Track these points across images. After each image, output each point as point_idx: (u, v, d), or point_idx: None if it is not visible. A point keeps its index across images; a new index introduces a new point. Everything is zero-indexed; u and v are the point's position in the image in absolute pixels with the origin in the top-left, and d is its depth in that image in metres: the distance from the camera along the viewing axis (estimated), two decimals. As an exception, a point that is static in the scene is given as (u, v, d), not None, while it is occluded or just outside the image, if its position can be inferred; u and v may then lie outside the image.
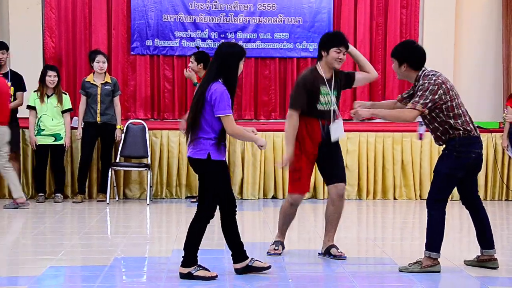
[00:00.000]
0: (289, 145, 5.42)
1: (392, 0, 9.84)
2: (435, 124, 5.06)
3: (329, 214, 5.62)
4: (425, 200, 5.17)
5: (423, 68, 5.10)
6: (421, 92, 4.95)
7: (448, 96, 4.98)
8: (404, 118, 5.02)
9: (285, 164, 5.46)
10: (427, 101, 4.93)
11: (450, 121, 4.99)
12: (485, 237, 5.19)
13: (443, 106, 4.97)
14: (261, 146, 4.87)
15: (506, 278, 4.99)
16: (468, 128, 5.01)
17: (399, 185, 9.14)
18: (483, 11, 9.94)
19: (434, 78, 4.99)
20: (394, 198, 9.14)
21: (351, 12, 9.84)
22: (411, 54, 5.09)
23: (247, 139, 5.02)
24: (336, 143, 5.57)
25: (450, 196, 5.25)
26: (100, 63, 8.55)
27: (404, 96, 5.33)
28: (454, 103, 5.00)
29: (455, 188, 5.22)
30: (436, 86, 4.95)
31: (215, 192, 4.81)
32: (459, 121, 5.00)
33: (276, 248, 5.60)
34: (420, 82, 5.02)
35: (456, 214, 6.77)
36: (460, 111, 5.02)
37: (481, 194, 9.01)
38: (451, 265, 5.25)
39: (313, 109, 5.42)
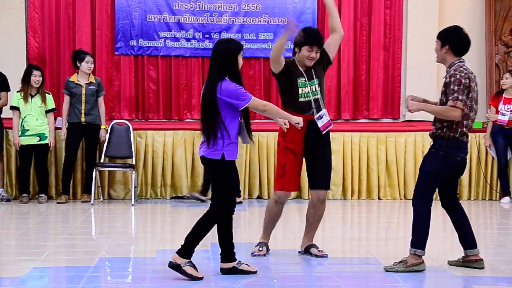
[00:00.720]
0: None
1: (376, 1, 9.87)
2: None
3: (309, 216, 5.66)
4: (410, 200, 5.19)
5: (462, 59, 5.07)
6: (457, 87, 4.91)
7: (470, 95, 4.99)
8: (450, 116, 4.94)
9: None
10: (465, 97, 4.90)
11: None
12: (467, 238, 5.22)
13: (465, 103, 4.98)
14: (297, 123, 4.88)
15: (489, 277, 5.02)
16: (465, 132, 5.02)
17: (384, 185, 9.18)
18: (466, 11, 9.99)
19: (465, 71, 4.98)
20: (379, 198, 9.18)
21: (335, 12, 9.85)
22: (456, 38, 5.07)
23: (284, 115, 4.91)
24: (327, 144, 5.56)
25: (434, 196, 5.27)
26: (89, 63, 8.53)
27: (440, 98, 5.16)
28: (470, 103, 5.00)
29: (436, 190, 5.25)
30: (467, 81, 4.94)
31: (228, 191, 4.86)
32: (464, 122, 4.99)
33: (260, 249, 5.59)
34: (452, 71, 4.98)
35: (440, 214, 6.78)
36: (471, 113, 5.03)
37: (465, 194, 9.13)
38: (435, 265, 5.27)
39: (295, 102, 5.41)
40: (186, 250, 4.79)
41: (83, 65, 8.51)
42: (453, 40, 5.07)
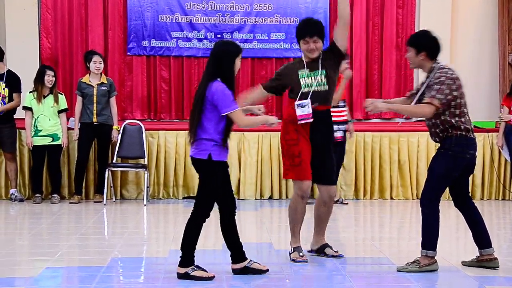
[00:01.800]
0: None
1: (388, 0, 9.86)
2: (437, 120, 4.99)
3: (320, 214, 5.57)
4: None
5: (438, 61, 5.06)
6: (438, 86, 4.89)
7: (459, 93, 4.95)
8: (422, 113, 4.96)
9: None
10: (443, 96, 4.88)
11: (453, 120, 4.95)
12: (481, 237, 5.18)
13: (452, 102, 4.94)
14: (272, 124, 4.90)
15: (503, 277, 4.99)
16: (469, 127, 5.00)
17: (396, 184, 9.16)
18: (479, 10, 9.96)
19: (450, 72, 4.96)
20: (391, 198, 9.16)
21: (347, 12, 9.84)
22: (431, 43, 5.06)
23: (260, 122, 4.96)
24: (332, 136, 5.51)
25: (446, 196, 5.24)
26: (96, 63, 8.53)
27: (413, 92, 5.26)
28: (462, 101, 4.97)
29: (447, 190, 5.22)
30: (452, 81, 4.92)
31: (212, 192, 4.81)
32: (462, 119, 4.97)
33: (301, 254, 5.39)
34: (436, 74, 4.96)
35: (453, 214, 6.77)
36: (465, 110, 5.00)
37: (477, 193, 9.08)
38: (448, 265, 5.25)
39: (299, 93, 5.33)
40: (186, 259, 4.80)
41: (91, 65, 8.54)
42: (428, 46, 5.04)
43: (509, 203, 8.97)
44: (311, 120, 5.28)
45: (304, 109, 5.27)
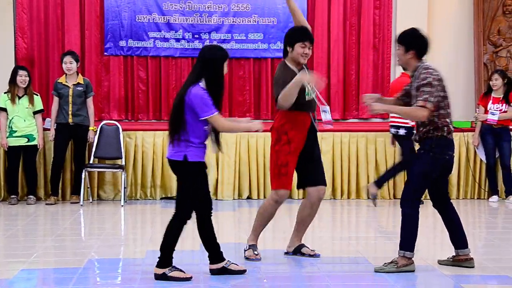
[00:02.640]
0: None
1: (365, 1, 9.90)
2: (427, 120, 5.01)
3: (304, 216, 5.61)
4: (399, 200, 5.19)
5: (423, 60, 5.08)
6: (428, 88, 4.89)
7: (443, 94, 4.99)
8: (417, 116, 4.96)
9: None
10: (435, 99, 4.90)
11: (437, 120, 4.97)
12: (458, 238, 5.23)
13: (441, 103, 4.97)
14: (257, 130, 4.92)
15: (478, 276, 5.04)
16: (451, 129, 5.03)
17: None
18: (454, 11, 10.05)
19: (435, 73, 4.98)
20: (368, 198, 9.14)
21: (324, 12, 9.89)
22: (420, 42, 5.07)
23: (241, 130, 5.04)
24: (318, 142, 5.57)
25: (423, 196, 5.28)
26: (67, 63, 8.50)
27: (401, 94, 5.27)
28: (446, 102, 5.01)
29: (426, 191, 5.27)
30: (438, 82, 4.95)
31: (191, 193, 4.82)
32: (447, 119, 5.00)
33: (256, 253, 5.47)
34: (422, 75, 4.96)
35: (430, 213, 6.83)
36: (448, 110, 5.03)
37: (453, 193, 9.16)
38: (424, 264, 5.29)
39: (300, 102, 5.35)
40: (164, 260, 4.81)
41: (63, 66, 8.52)
42: (418, 44, 5.06)
43: (484, 202, 9.05)
44: (332, 127, 5.51)
45: (327, 114, 5.42)
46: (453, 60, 10.06)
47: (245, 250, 5.53)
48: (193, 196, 4.82)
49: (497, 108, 8.96)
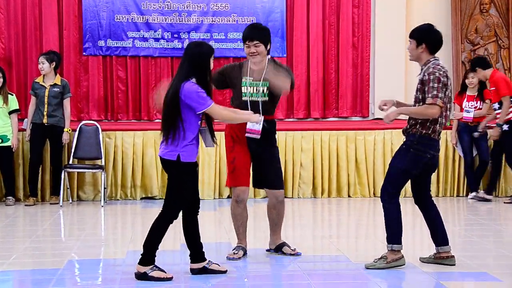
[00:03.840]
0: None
1: (344, 0, 9.96)
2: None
3: (273, 217, 5.64)
4: (379, 197, 5.22)
5: (435, 56, 5.10)
6: (436, 84, 4.91)
7: (449, 90, 5.03)
8: (429, 114, 4.95)
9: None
10: (443, 95, 4.93)
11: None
12: (439, 235, 5.26)
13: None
14: (256, 122, 4.96)
15: (457, 272, 5.08)
16: (438, 130, 5.05)
17: (353, 183, 9.25)
18: (433, 9, 10.11)
19: (443, 70, 5.01)
20: (349, 196, 9.25)
21: (303, 11, 9.92)
22: (431, 37, 5.09)
23: (240, 120, 5.01)
24: (273, 144, 5.51)
25: (404, 193, 5.32)
26: (40, 64, 8.48)
27: (416, 95, 5.16)
28: (449, 103, 5.05)
29: (409, 187, 5.31)
30: (445, 79, 4.98)
31: (181, 193, 4.83)
32: (439, 119, 5.01)
33: (236, 252, 5.50)
34: (430, 69, 4.99)
35: (409, 211, 6.87)
36: (447, 111, 5.06)
37: (433, 190, 9.18)
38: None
39: (238, 100, 5.40)
40: (147, 257, 4.80)
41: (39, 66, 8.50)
42: (429, 39, 5.09)
43: (463, 200, 9.14)
44: (257, 137, 5.32)
45: (255, 125, 5.29)
46: (431, 58, 10.14)
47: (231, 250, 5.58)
48: (182, 196, 4.83)
49: (471, 105, 9.06)
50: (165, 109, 4.81)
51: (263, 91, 5.41)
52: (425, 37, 5.09)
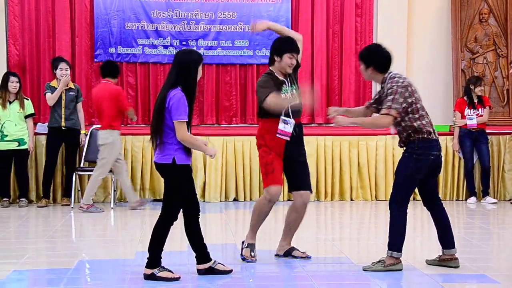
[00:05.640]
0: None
1: (347, 9, 10.08)
2: (399, 127, 5.11)
3: (291, 220, 5.63)
4: (381, 201, 5.28)
5: (389, 71, 5.14)
6: (392, 96, 4.98)
7: (414, 98, 5.05)
8: (381, 124, 5.07)
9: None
10: (398, 106, 4.98)
11: (415, 124, 5.05)
12: (445, 237, 5.28)
13: (409, 108, 5.04)
14: (211, 155, 4.97)
15: (457, 275, 5.11)
16: (430, 130, 5.10)
17: (356, 186, 9.26)
18: (433, 19, 10.21)
19: (401, 80, 5.03)
20: (351, 199, 9.25)
21: (308, 20, 10.05)
22: (377, 58, 5.12)
23: (197, 148, 4.93)
24: (304, 148, 5.59)
25: (412, 197, 5.34)
26: (63, 70, 8.54)
27: (371, 102, 5.37)
28: (418, 105, 5.07)
29: (417, 189, 5.34)
30: (404, 89, 5.00)
31: (178, 195, 4.88)
32: (423, 121, 5.07)
33: (252, 254, 5.48)
34: (388, 85, 5.04)
35: (411, 214, 6.95)
36: (423, 112, 5.11)
37: (433, 194, 9.32)
38: (405, 263, 5.30)
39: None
40: (153, 260, 4.86)
41: (57, 72, 8.55)
42: (375, 60, 5.13)
43: (463, 204, 9.17)
44: (288, 139, 5.39)
45: (286, 126, 5.39)
46: (432, 67, 10.23)
47: (242, 248, 5.54)
48: (179, 198, 4.87)
49: (473, 112, 9.17)
50: (153, 116, 4.86)
51: (295, 94, 5.50)
52: (372, 60, 5.13)
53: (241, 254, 5.52)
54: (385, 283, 4.90)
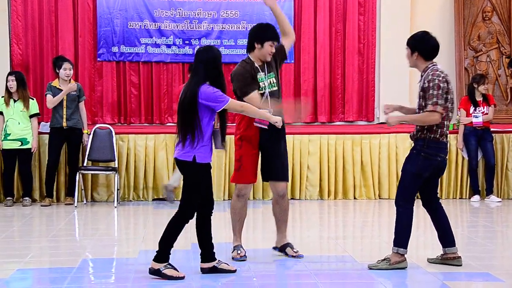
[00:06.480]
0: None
1: (350, 8, 10.10)
2: None
3: (276, 213, 5.66)
4: (384, 199, 5.29)
5: (433, 62, 5.14)
6: (435, 91, 4.97)
7: (449, 96, 5.08)
8: (429, 121, 5.02)
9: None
10: (443, 101, 4.99)
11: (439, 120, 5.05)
12: (446, 236, 5.31)
13: (447, 106, 5.08)
14: (276, 122, 5.03)
15: (461, 273, 5.13)
16: (445, 132, 5.11)
17: (359, 185, 9.27)
18: (436, 17, 10.23)
19: (442, 75, 5.04)
20: (354, 198, 9.26)
21: (311, 19, 10.07)
22: (423, 45, 5.12)
23: (259, 114, 5.05)
24: (283, 137, 5.54)
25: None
26: (67, 70, 8.56)
27: (420, 101, 5.18)
28: (451, 105, 5.11)
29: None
30: (445, 84, 5.03)
31: (197, 194, 4.91)
32: (445, 122, 5.08)
33: (239, 252, 5.51)
34: (429, 76, 5.03)
35: (420, 213, 6.94)
36: (451, 115, 5.14)
37: (437, 193, 9.33)
38: (408, 262, 5.29)
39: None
40: (162, 255, 4.88)
41: (61, 72, 8.57)
42: (421, 46, 5.14)
43: (466, 202, 9.17)
44: (265, 127, 5.34)
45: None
46: (436, 65, 10.27)
47: (231, 252, 5.59)
48: (197, 196, 4.91)
49: (479, 110, 9.17)
50: (182, 113, 4.89)
51: (272, 82, 5.51)
52: (418, 45, 5.15)
53: (231, 258, 5.55)
54: (389, 281, 4.93)
